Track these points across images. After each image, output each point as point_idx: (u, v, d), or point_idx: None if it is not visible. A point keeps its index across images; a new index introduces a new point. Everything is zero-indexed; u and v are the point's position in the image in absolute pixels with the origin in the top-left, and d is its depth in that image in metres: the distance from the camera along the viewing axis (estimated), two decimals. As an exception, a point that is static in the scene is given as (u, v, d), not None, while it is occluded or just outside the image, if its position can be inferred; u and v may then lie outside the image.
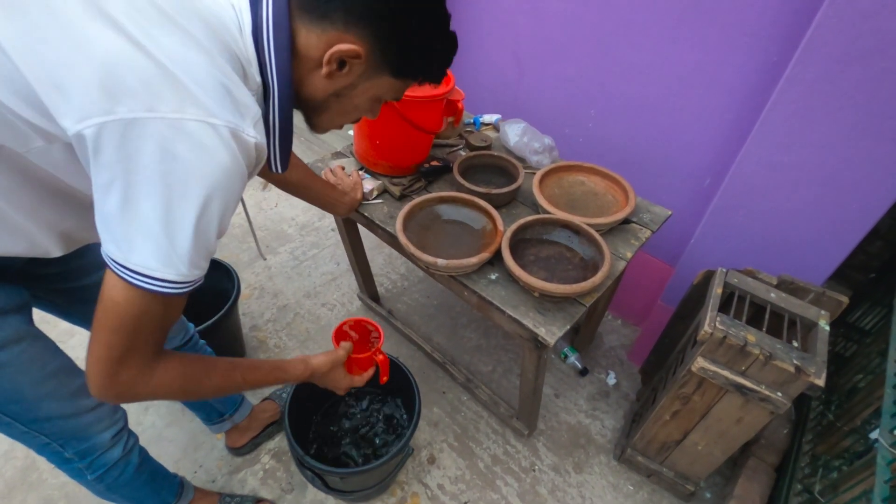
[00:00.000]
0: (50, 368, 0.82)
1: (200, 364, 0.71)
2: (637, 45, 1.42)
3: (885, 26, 0.94)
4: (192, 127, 0.51)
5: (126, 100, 0.49)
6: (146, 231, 0.53)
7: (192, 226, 0.55)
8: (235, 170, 0.56)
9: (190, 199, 0.54)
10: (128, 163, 0.51)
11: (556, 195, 1.35)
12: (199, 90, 0.52)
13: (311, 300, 1.99)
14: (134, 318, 0.58)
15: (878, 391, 1.12)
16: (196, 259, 0.58)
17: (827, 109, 1.07)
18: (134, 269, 0.55)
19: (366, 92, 0.69)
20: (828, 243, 1.23)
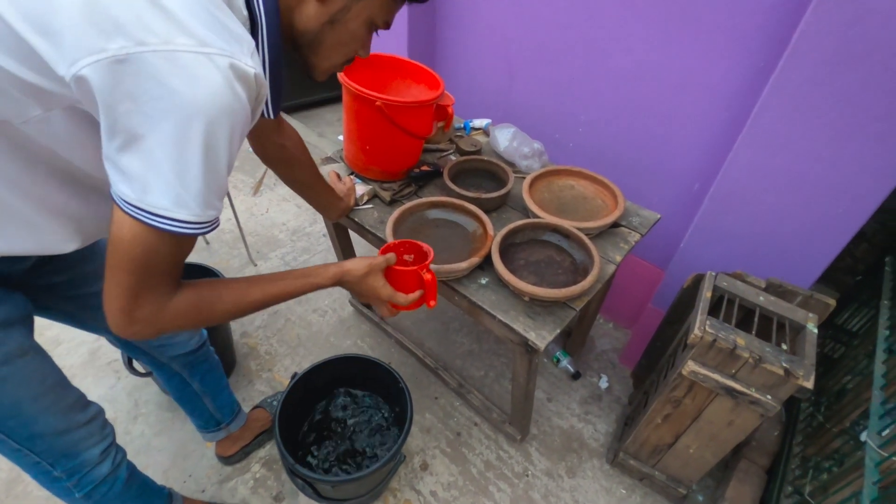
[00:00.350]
0: (49, 382, 0.81)
1: (213, 286, 0.69)
2: (625, 52, 1.43)
3: (868, 32, 0.96)
4: (186, 58, 0.49)
5: (116, 36, 0.48)
6: (156, 170, 0.52)
7: (199, 162, 0.53)
8: (235, 100, 0.53)
9: (193, 133, 0.51)
10: (127, 101, 0.49)
11: (545, 199, 1.36)
12: (190, 19, 0.50)
13: (302, 306, 1.98)
14: (146, 256, 0.57)
15: (866, 392, 1.13)
16: (209, 198, 0.56)
17: (813, 114, 1.09)
18: (148, 209, 0.53)
19: (359, 14, 0.68)
20: (815, 246, 1.24)
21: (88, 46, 0.48)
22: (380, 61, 1.36)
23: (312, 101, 3.23)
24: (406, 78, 1.39)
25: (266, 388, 1.68)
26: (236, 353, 1.76)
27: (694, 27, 1.28)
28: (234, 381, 1.69)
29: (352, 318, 1.95)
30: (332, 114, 3.27)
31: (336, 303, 2.00)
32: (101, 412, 0.92)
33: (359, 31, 0.71)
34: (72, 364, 1.69)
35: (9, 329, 0.74)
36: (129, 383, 1.64)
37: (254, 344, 1.81)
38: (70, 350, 1.73)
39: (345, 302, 2.00)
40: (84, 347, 1.74)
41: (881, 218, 1.83)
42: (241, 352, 1.78)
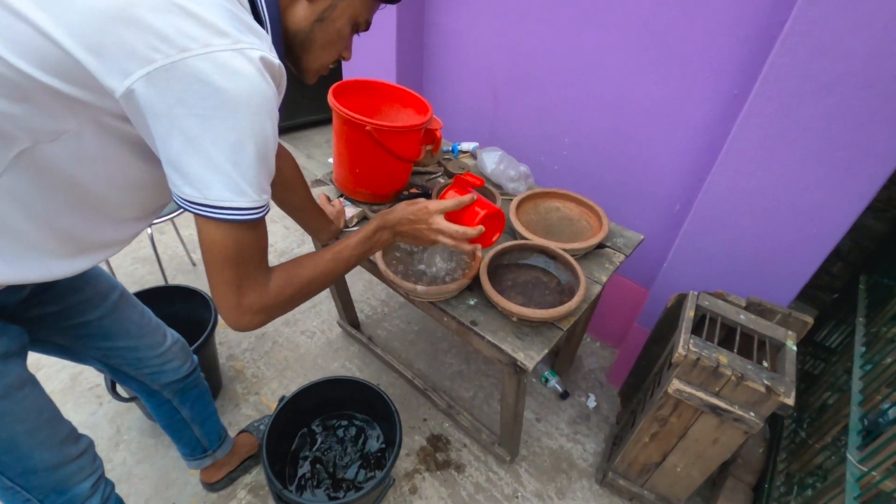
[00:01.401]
0: (45, 416, 0.79)
1: (292, 263, 0.77)
2: (606, 80, 1.49)
3: (830, 67, 1.02)
4: (224, 57, 0.53)
5: (161, 46, 0.51)
6: (214, 166, 0.56)
7: (252, 151, 0.58)
8: (269, 88, 0.58)
9: (242, 125, 0.56)
10: (178, 106, 0.53)
11: (532, 221, 1.39)
12: (219, 21, 0.54)
13: (289, 328, 1.96)
14: (234, 249, 0.63)
15: (845, 408, 1.15)
16: (263, 183, 0.62)
17: (785, 140, 1.14)
18: (214, 204, 0.58)
19: (345, 12, 0.72)
20: (792, 266, 1.29)
21: (137, 60, 0.51)
22: (369, 87, 1.39)
23: (301, 123, 3.26)
24: (395, 103, 1.43)
25: (253, 411, 1.65)
26: (222, 376, 1.74)
27: (670, 57, 1.34)
28: (220, 405, 1.66)
29: (340, 340, 1.94)
30: (321, 136, 3.30)
31: (324, 324, 1.99)
32: (91, 444, 0.91)
33: (344, 30, 0.75)
34: (52, 390, 1.65)
35: (7, 361, 0.73)
36: (111, 409, 1.61)
37: (240, 367, 1.79)
38: (50, 375, 1.69)
39: (333, 323, 1.99)
40: (65, 373, 1.70)
41: (855, 236, 1.90)
42: (228, 375, 1.76)
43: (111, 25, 0.51)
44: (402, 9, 1.79)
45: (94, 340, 0.96)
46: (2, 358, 0.72)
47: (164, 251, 2.25)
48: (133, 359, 1.03)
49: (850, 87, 1.02)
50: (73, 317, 0.89)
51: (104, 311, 0.94)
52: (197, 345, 1.41)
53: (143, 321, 1.04)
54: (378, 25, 1.83)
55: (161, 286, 1.59)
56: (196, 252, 2.25)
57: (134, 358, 1.03)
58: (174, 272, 2.16)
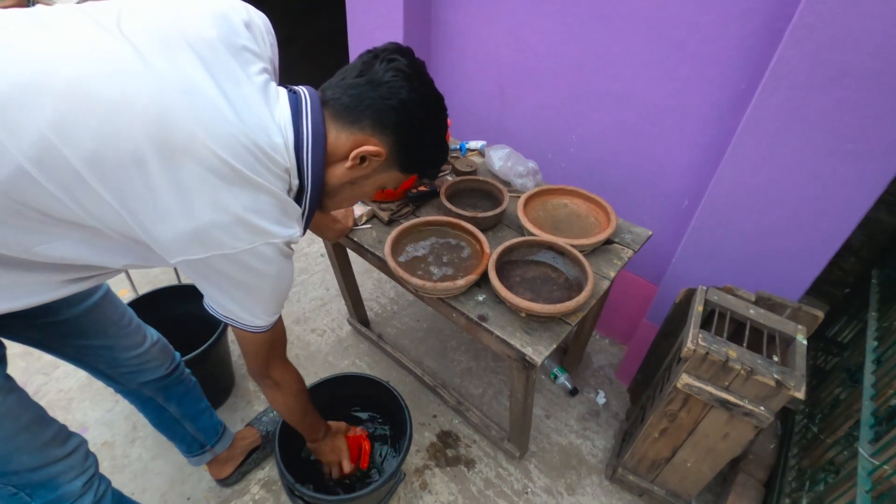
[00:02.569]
0: (22, 421, 0.81)
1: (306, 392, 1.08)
2: (613, 76, 1.49)
3: (838, 58, 1.01)
4: (262, 249, 0.68)
5: (213, 246, 0.65)
6: (241, 307, 0.76)
7: (273, 300, 0.79)
8: (290, 262, 0.76)
9: (267, 289, 0.75)
10: (218, 275, 0.70)
11: (540, 217, 1.39)
12: (267, 225, 0.67)
13: (300, 326, 1.99)
14: (261, 345, 0.86)
15: (857, 403, 1.15)
16: (274, 311, 0.82)
17: (793, 133, 1.13)
18: (252, 325, 0.80)
19: (376, 182, 0.84)
20: (802, 260, 1.28)
21: (190, 252, 0.65)
22: (377, 86, 1.40)
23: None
24: (403, 102, 1.44)
25: (263, 407, 1.67)
26: (235, 373, 1.76)
27: (677, 52, 1.34)
28: (232, 402, 1.69)
29: (350, 338, 1.96)
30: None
31: (334, 322, 2.01)
32: (82, 444, 0.92)
33: (369, 192, 0.87)
34: (69, 388, 1.69)
35: None
36: (127, 406, 1.63)
37: (252, 364, 1.82)
38: (68, 374, 1.73)
39: (343, 322, 2.01)
40: (82, 371, 1.73)
41: (868, 231, 1.88)
42: (240, 373, 1.79)
43: (181, 238, 0.64)
44: (409, 6, 1.80)
45: (69, 338, 0.97)
46: None
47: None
48: (109, 358, 1.05)
49: (858, 79, 1.01)
50: (49, 315, 0.91)
51: (83, 310, 0.96)
52: (209, 343, 1.44)
53: (122, 321, 1.04)
54: (385, 23, 1.84)
55: (174, 285, 1.62)
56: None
57: (110, 357, 1.05)
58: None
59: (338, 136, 0.75)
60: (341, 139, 0.76)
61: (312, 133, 0.73)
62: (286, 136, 0.71)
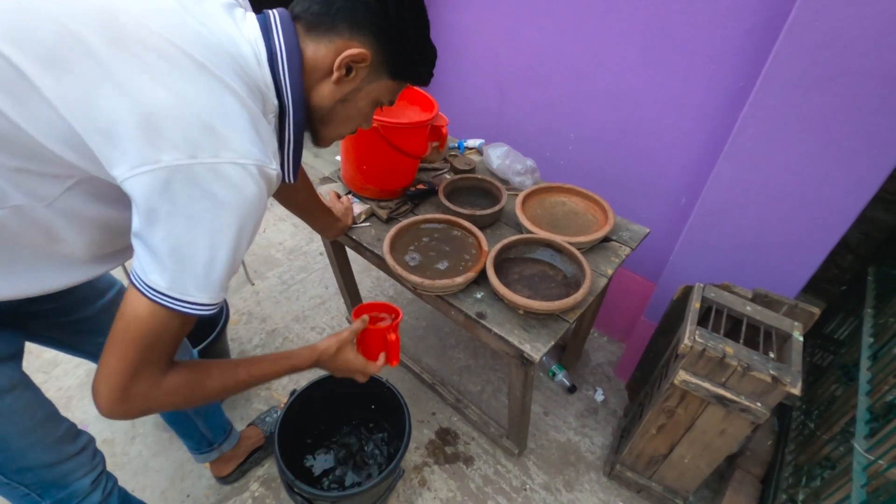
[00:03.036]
0: (38, 417, 0.81)
1: (202, 367, 0.72)
2: (611, 74, 1.50)
3: (835, 56, 1.02)
4: (227, 169, 0.56)
5: (170, 149, 0.54)
6: (188, 264, 0.58)
7: (227, 257, 0.60)
8: (261, 202, 0.61)
9: (226, 233, 0.59)
10: (172, 205, 0.55)
11: (538, 215, 1.40)
12: (233, 134, 0.57)
13: (300, 324, 1.99)
14: (154, 332, 0.61)
15: (853, 399, 1.16)
16: (225, 283, 0.63)
17: (790, 131, 1.14)
18: (175, 296, 0.59)
19: (368, 95, 0.76)
20: (798, 257, 1.29)
21: (145, 157, 0.54)
22: (376, 85, 1.41)
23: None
24: (401, 100, 1.44)
25: (264, 406, 1.68)
26: (234, 371, 1.77)
27: (675, 50, 1.35)
28: (231, 400, 1.69)
29: (349, 336, 1.96)
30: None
31: (334, 320, 2.02)
32: (91, 441, 0.92)
33: (365, 109, 0.78)
34: (69, 385, 1.69)
35: (1, 365, 0.75)
36: (127, 404, 1.64)
37: (251, 362, 1.82)
38: (67, 371, 1.73)
39: (342, 319, 2.02)
40: (81, 369, 1.74)
41: (864, 229, 1.88)
42: (239, 370, 1.79)
43: (132, 126, 0.53)
44: (408, 7, 1.80)
45: (89, 336, 0.97)
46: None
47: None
48: None
49: (855, 76, 1.02)
50: (69, 313, 0.91)
51: (101, 308, 0.96)
52: (208, 341, 1.44)
53: None
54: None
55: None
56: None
57: None
58: (186, 270, 2.19)
59: (316, 49, 0.69)
60: (320, 52, 0.69)
61: (286, 46, 0.66)
62: (257, 50, 0.64)
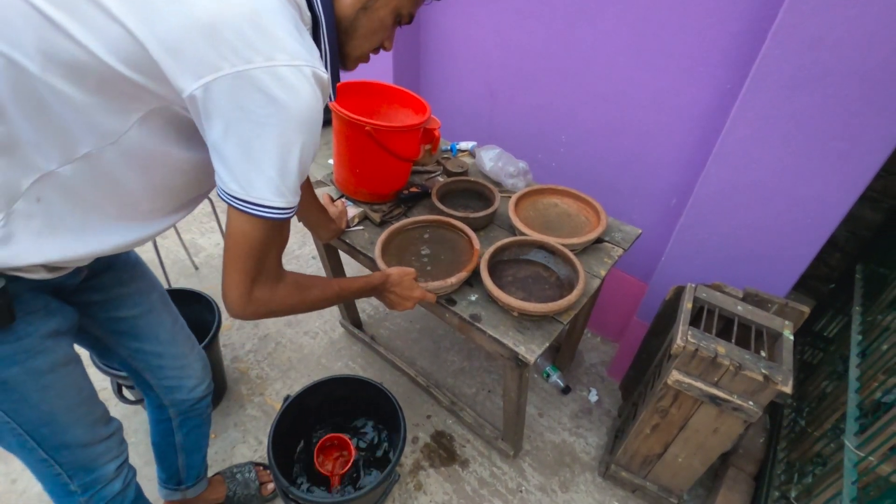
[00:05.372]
0: (84, 394, 0.84)
1: (307, 279, 0.85)
2: (602, 76, 1.51)
3: (821, 59, 1.03)
4: (284, 72, 0.59)
5: (229, 55, 0.57)
6: (260, 168, 0.62)
7: (296, 160, 0.64)
8: (319, 106, 0.64)
9: (293, 137, 0.62)
10: (238, 112, 0.59)
11: (531, 217, 1.40)
12: (283, 35, 0.59)
13: (292, 329, 1.98)
14: (260, 243, 0.69)
15: (843, 396, 1.17)
16: (297, 188, 0.68)
17: (778, 132, 1.16)
18: (255, 202, 0.64)
19: (389, 3, 0.76)
20: (788, 256, 1.30)
21: (207, 65, 0.57)
22: (368, 88, 1.41)
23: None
24: (393, 103, 1.44)
25: (258, 412, 1.67)
26: (227, 378, 1.75)
27: (664, 52, 1.36)
28: (225, 406, 1.68)
29: (343, 340, 1.96)
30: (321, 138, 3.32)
31: (327, 325, 2.01)
32: (120, 428, 0.95)
33: (387, 20, 0.78)
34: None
35: (59, 338, 0.78)
36: (119, 412, 1.62)
37: (244, 369, 1.81)
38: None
39: (335, 324, 2.01)
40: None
41: (851, 227, 1.91)
42: (232, 377, 1.78)
43: (192, 34, 0.56)
44: (398, 10, 1.80)
45: (125, 338, 0.98)
46: (54, 335, 0.77)
47: (167, 255, 2.27)
48: (156, 366, 1.05)
49: (840, 78, 1.03)
50: (112, 309, 0.93)
51: (142, 310, 0.97)
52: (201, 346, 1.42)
53: (174, 328, 1.05)
54: (375, 27, 1.84)
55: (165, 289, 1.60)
56: (198, 256, 2.27)
57: (157, 365, 1.05)
58: (177, 276, 2.17)
59: None
60: None
61: None
62: None
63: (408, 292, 1.11)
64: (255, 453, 1.56)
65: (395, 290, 1.10)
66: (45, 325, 0.75)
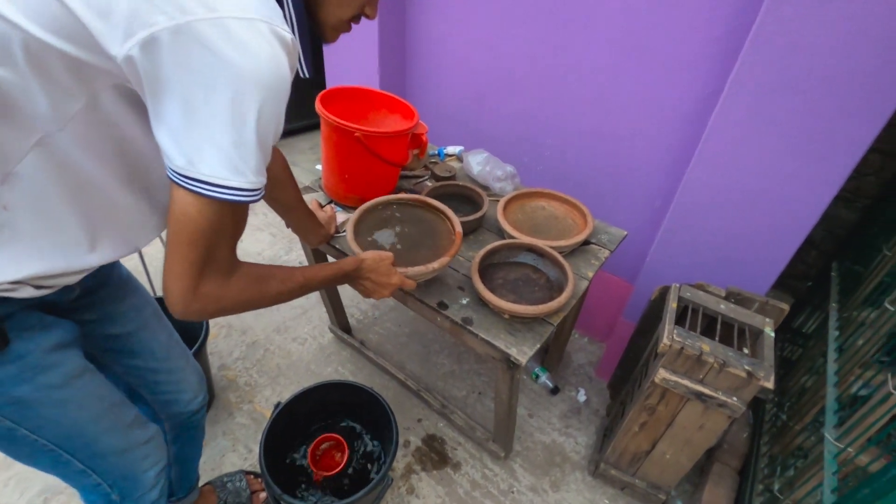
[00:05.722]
0: (108, 402, 0.82)
1: (264, 269, 0.74)
2: (586, 80, 1.54)
3: (797, 64, 1.07)
4: (232, 24, 0.51)
5: (164, 6, 0.49)
6: (210, 138, 0.54)
7: (253, 130, 0.55)
8: (281, 70, 0.55)
9: (248, 103, 0.53)
10: (179, 71, 0.51)
11: (519, 220, 1.42)
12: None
13: (281, 335, 1.97)
14: (210, 229, 0.59)
15: (822, 390, 1.21)
16: (259, 165, 0.58)
17: (757, 135, 1.19)
18: (205, 179, 0.55)
19: None
20: (767, 255, 1.34)
21: (140, 20, 0.49)
22: (356, 94, 1.41)
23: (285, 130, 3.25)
24: (381, 109, 1.45)
25: (247, 420, 1.65)
26: (215, 385, 1.73)
27: (647, 57, 1.39)
28: (213, 415, 1.66)
29: (332, 345, 1.95)
30: (305, 142, 3.30)
31: (315, 330, 2.00)
32: (158, 433, 0.93)
33: None
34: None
35: (66, 351, 0.75)
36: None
37: (232, 376, 1.79)
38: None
39: (324, 329, 2.00)
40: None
41: (827, 226, 1.98)
42: (220, 385, 1.76)
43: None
44: (384, 15, 1.81)
45: (119, 356, 0.96)
46: (58, 348, 0.74)
47: (150, 262, 2.23)
48: (151, 381, 1.03)
49: (815, 84, 1.07)
50: (106, 327, 0.90)
51: (136, 327, 0.95)
52: (190, 354, 1.41)
53: (169, 342, 1.03)
54: (360, 32, 1.85)
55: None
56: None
57: (152, 381, 1.03)
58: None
59: None
60: None
61: None
62: None
63: (385, 279, 1.00)
64: (246, 461, 1.55)
65: (370, 276, 0.99)
66: (46, 339, 0.72)
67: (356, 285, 1.02)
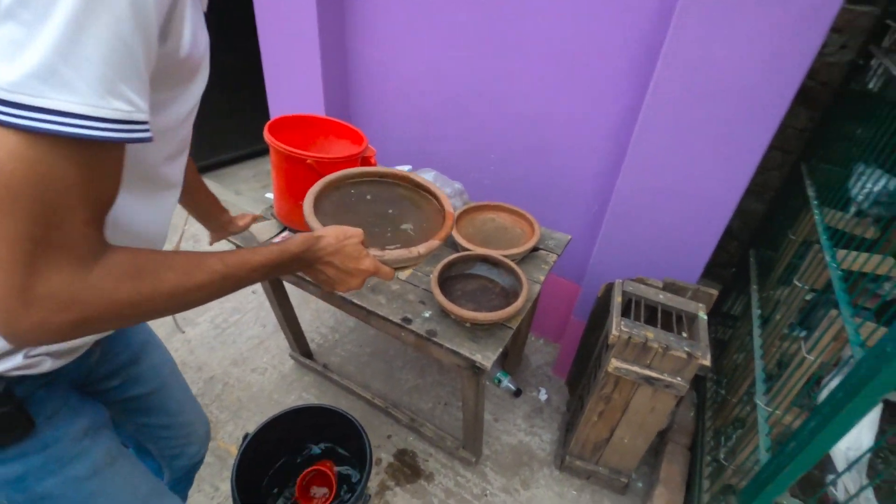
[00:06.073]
0: (143, 492, 0.74)
1: (154, 255, 0.47)
2: (525, 99, 1.65)
3: (706, 78, 1.22)
4: None
5: None
6: (34, 41, 0.34)
7: (105, 30, 0.36)
8: None
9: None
10: None
11: (471, 233, 1.49)
12: None
13: (239, 368, 1.92)
14: (37, 185, 0.36)
15: (752, 364, 1.36)
16: (112, 82, 0.37)
17: (675, 141, 1.34)
18: (28, 102, 0.34)
19: None
20: (695, 247, 1.49)
21: None
22: (303, 122, 1.44)
23: (225, 159, 3.18)
24: (329, 135, 1.49)
25: (211, 457, 1.60)
26: (173, 426, 1.67)
27: (575, 76, 1.52)
28: (174, 457, 1.59)
29: (293, 372, 1.93)
30: (247, 170, 3.24)
31: (275, 358, 1.97)
32: None
33: None
34: None
35: (96, 436, 0.69)
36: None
37: (191, 414, 1.73)
38: None
39: (284, 356, 1.98)
40: None
41: (743, 218, 2.20)
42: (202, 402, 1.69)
43: None
44: (325, 41, 1.85)
45: (134, 415, 0.92)
46: (89, 433, 0.67)
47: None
48: (161, 437, 0.99)
49: (719, 94, 1.23)
50: (125, 390, 0.85)
51: (154, 387, 0.91)
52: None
53: (183, 398, 1.00)
54: (303, 60, 1.88)
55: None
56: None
57: (163, 437, 0.99)
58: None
59: None
60: None
61: None
62: None
63: (353, 263, 0.70)
64: (213, 501, 1.50)
65: (332, 260, 0.68)
66: (74, 424, 0.65)
67: (315, 274, 0.71)
